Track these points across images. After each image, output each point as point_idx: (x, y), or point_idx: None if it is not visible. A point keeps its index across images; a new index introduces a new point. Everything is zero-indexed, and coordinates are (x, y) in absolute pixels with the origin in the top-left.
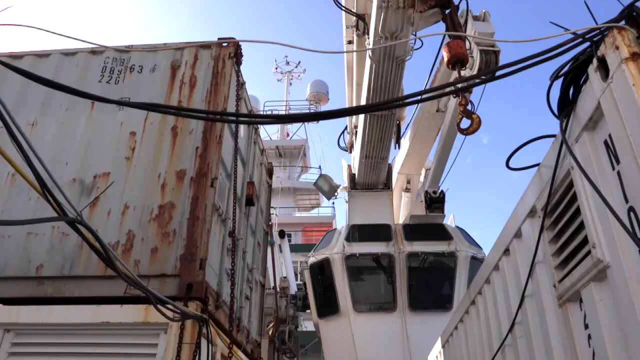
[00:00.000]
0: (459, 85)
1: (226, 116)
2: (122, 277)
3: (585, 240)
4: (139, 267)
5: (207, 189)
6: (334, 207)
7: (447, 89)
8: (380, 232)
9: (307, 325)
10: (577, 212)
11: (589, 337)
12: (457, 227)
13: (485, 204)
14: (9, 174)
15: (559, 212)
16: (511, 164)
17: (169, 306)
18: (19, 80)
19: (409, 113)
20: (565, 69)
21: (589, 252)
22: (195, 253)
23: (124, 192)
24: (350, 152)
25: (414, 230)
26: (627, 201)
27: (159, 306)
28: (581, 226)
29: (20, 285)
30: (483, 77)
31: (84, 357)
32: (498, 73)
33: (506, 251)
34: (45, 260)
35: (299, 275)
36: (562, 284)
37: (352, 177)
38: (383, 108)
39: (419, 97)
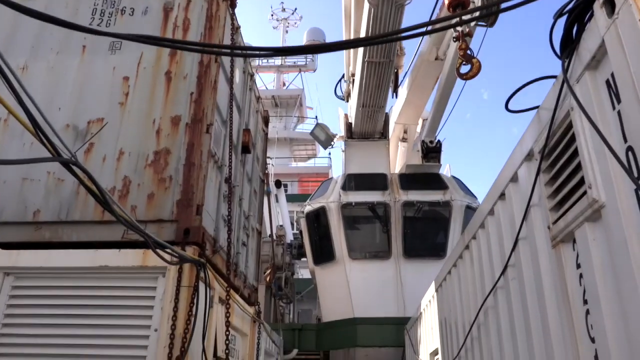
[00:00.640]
0: (463, 18)
1: (221, 49)
2: (118, 219)
3: (581, 182)
4: (136, 213)
5: (202, 135)
6: (330, 157)
7: (453, 20)
8: (376, 181)
9: (303, 273)
10: (575, 153)
11: (580, 276)
12: (453, 177)
13: (483, 158)
14: (1, 119)
15: (557, 154)
16: (511, 107)
17: (167, 250)
18: (7, 23)
19: (407, 62)
20: (570, 5)
21: (584, 194)
22: (192, 199)
23: (119, 137)
24: (347, 101)
25: (410, 180)
26: (625, 141)
27: (156, 252)
28: (578, 168)
29: (18, 230)
30: (485, 12)
31: (84, 299)
32: (503, 5)
33: (501, 196)
34: (42, 206)
35: (295, 224)
36: (556, 225)
37: (348, 126)
38: (385, 41)
39: (424, 29)
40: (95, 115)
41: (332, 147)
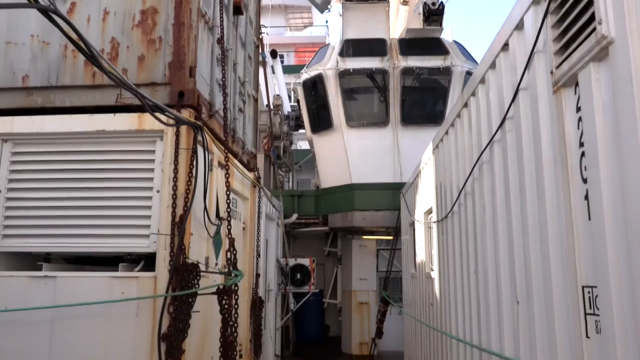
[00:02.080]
0: None
1: None
2: (107, 75)
3: (590, 20)
4: (127, 76)
5: None
6: (327, 26)
7: None
8: (375, 46)
9: (301, 144)
10: None
11: (579, 119)
12: (455, 42)
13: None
14: None
15: None
16: None
17: (163, 113)
18: None
19: None
20: None
21: (592, 32)
22: (184, 60)
23: None
24: None
25: (410, 45)
26: None
27: (152, 111)
28: (588, 5)
29: (9, 97)
30: None
31: (85, 164)
32: None
33: (505, 46)
34: (30, 71)
35: (292, 96)
36: (559, 69)
37: None
38: None
39: None
40: None
41: (329, 11)
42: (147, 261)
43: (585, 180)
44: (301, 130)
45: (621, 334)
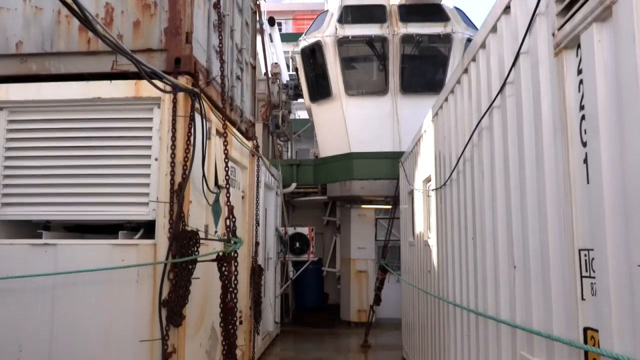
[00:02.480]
0: None
1: None
2: (102, 39)
3: None
4: (122, 42)
5: None
6: None
7: None
8: (375, 13)
9: (300, 114)
10: None
11: (581, 82)
12: (455, 8)
13: None
14: None
15: None
16: None
17: (161, 80)
18: None
19: None
20: None
21: None
22: (180, 26)
23: None
24: None
25: (410, 11)
26: None
27: (149, 77)
28: None
29: (3, 64)
30: None
31: (82, 132)
32: None
33: (506, 9)
34: (23, 37)
35: (290, 65)
36: (561, 30)
37: None
38: None
39: None
40: None
41: None
42: (146, 229)
43: (584, 144)
44: (300, 100)
45: (616, 296)
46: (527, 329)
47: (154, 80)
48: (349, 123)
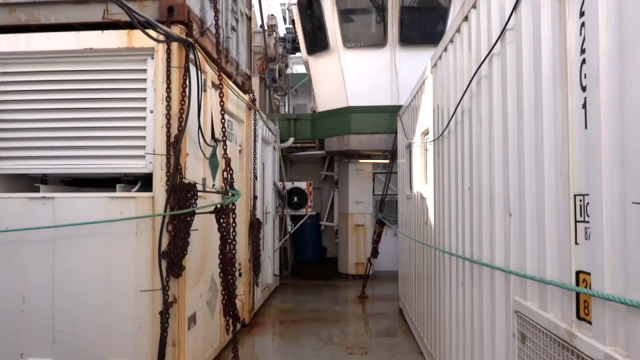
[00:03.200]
0: None
1: None
2: None
3: None
4: None
5: None
6: None
7: None
8: None
9: (297, 68)
10: None
11: (582, 25)
12: None
13: None
14: None
15: None
16: None
17: (155, 29)
18: None
19: None
20: None
21: None
22: None
23: None
24: None
25: None
26: None
27: (142, 27)
28: None
29: None
30: None
31: (74, 84)
32: None
33: None
34: None
35: (287, 18)
36: None
37: None
38: None
39: None
40: None
41: None
42: (144, 182)
43: (583, 89)
44: (298, 54)
45: (609, 240)
46: (520, 274)
47: (147, 30)
48: (346, 76)
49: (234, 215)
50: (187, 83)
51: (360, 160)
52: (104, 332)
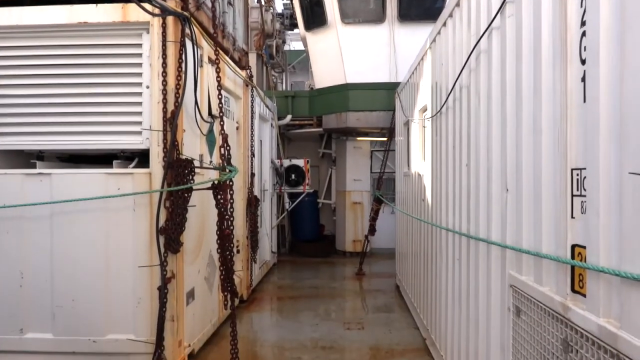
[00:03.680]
0: None
1: None
2: None
3: None
4: None
5: None
6: None
7: None
8: None
9: (294, 45)
10: None
11: None
12: None
13: None
14: None
15: None
16: None
17: (150, 2)
18: None
19: None
20: None
21: None
22: None
23: None
24: None
25: None
26: None
27: (136, 0)
28: None
29: None
30: None
31: (69, 59)
32: None
33: None
34: None
35: None
36: None
37: None
38: None
39: None
40: None
41: None
42: (141, 158)
43: (583, 62)
44: (295, 30)
45: (605, 213)
46: (516, 249)
47: (142, 3)
48: (344, 53)
49: (231, 192)
50: (183, 58)
51: (358, 138)
52: (103, 308)
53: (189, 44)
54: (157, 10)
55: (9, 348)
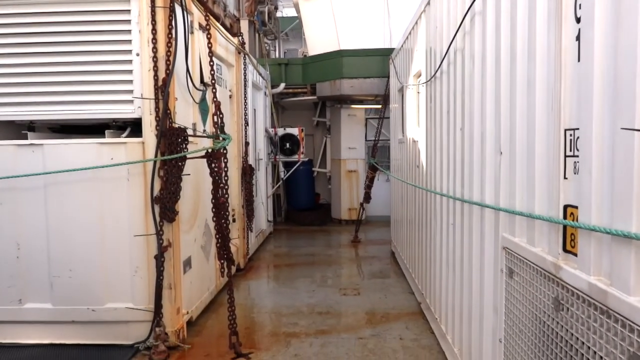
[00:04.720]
0: None
1: None
2: None
3: None
4: None
5: None
6: None
7: None
8: None
9: (287, 12)
10: None
11: None
12: None
13: None
14: None
15: None
16: None
17: None
18: None
19: None
20: None
21: None
22: None
23: None
24: None
25: None
26: None
27: None
28: None
29: None
30: None
31: (55, 26)
32: None
33: None
34: None
35: None
36: None
37: None
38: None
39: None
40: None
41: None
42: (133, 127)
43: (578, 20)
44: None
45: (597, 173)
46: (509, 211)
47: None
48: (338, 18)
49: (225, 160)
50: (173, 24)
51: (353, 106)
52: (100, 277)
53: (178, 9)
54: None
55: (9, 318)
